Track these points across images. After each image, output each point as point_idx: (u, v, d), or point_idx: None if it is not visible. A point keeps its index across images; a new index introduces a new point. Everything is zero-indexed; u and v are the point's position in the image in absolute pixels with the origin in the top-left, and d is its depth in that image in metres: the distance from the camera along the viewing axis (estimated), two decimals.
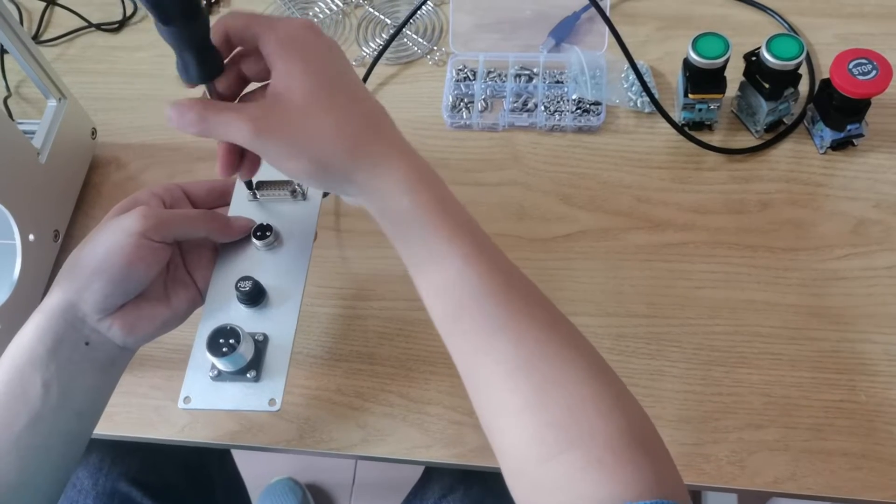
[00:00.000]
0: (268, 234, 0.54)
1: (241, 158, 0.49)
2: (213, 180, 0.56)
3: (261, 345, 0.50)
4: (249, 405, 0.49)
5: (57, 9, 0.87)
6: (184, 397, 0.50)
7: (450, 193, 0.45)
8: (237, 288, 0.51)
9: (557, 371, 0.41)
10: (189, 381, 0.50)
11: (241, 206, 0.56)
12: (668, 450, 0.41)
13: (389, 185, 0.44)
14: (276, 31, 0.44)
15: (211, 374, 0.50)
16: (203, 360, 0.50)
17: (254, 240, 0.54)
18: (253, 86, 0.48)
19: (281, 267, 0.53)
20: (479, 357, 0.42)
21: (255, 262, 0.54)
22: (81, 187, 0.72)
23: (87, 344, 0.48)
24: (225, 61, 0.46)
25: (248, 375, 0.49)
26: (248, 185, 0.55)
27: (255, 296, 0.51)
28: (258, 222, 0.54)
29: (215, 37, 0.45)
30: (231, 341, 0.48)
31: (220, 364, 0.49)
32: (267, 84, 0.45)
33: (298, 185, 0.56)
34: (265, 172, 0.56)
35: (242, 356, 0.49)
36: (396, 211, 0.44)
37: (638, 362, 0.60)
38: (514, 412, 0.40)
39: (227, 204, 0.56)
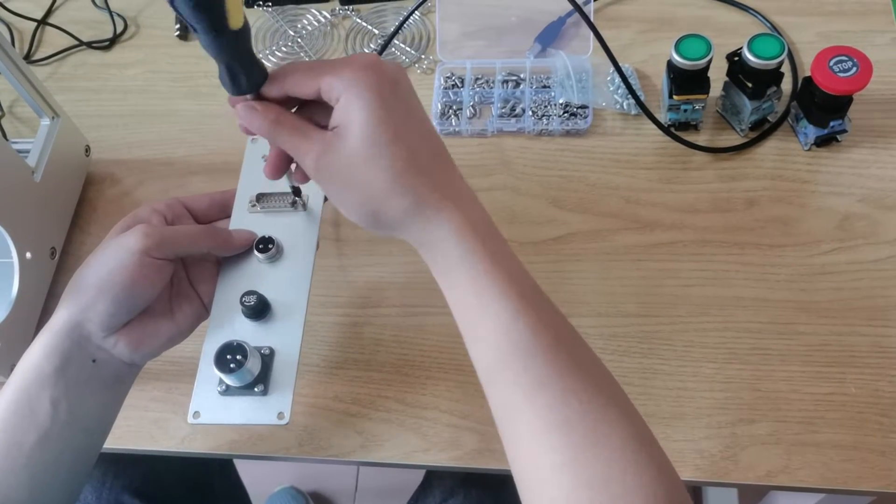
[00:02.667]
0: (270, 246, 0.54)
1: (289, 163, 0.49)
2: (213, 193, 0.57)
3: (267, 359, 0.51)
4: (258, 419, 0.50)
5: (48, 28, 0.88)
6: (193, 412, 0.50)
7: (502, 244, 0.45)
8: (242, 303, 0.51)
9: (597, 432, 0.40)
10: (197, 397, 0.51)
11: (242, 218, 0.56)
12: None
13: (441, 237, 0.44)
14: (339, 75, 0.43)
15: (219, 388, 0.50)
16: (210, 375, 0.50)
17: (256, 253, 0.54)
18: None
19: (284, 279, 0.54)
20: (518, 411, 0.42)
21: (258, 275, 0.54)
22: (77, 204, 0.73)
23: (93, 362, 0.49)
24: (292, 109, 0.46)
25: (255, 389, 0.50)
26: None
27: (259, 310, 0.52)
28: (259, 235, 0.55)
29: (274, 92, 0.45)
30: (238, 357, 0.49)
31: (228, 380, 0.49)
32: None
33: (298, 196, 0.56)
34: (265, 184, 0.57)
35: (250, 371, 0.49)
36: (447, 262, 0.44)
37: (630, 361, 0.60)
38: (550, 468, 0.40)
39: (228, 216, 0.56)
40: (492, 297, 0.43)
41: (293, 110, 0.48)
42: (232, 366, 0.49)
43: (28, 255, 0.65)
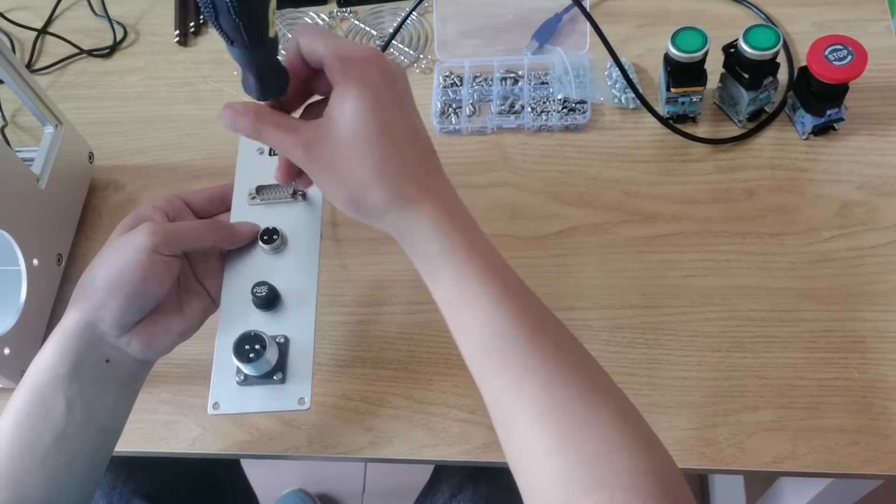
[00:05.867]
0: (275, 237, 0.54)
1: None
2: (212, 187, 0.57)
3: (283, 347, 0.51)
4: (280, 406, 0.50)
5: (48, 37, 0.88)
6: (212, 403, 0.51)
7: (482, 237, 0.46)
8: (253, 293, 0.52)
9: (585, 414, 0.41)
10: (216, 388, 0.51)
11: (243, 211, 0.56)
12: (692, 493, 0.41)
13: (421, 228, 0.45)
14: (340, 56, 0.44)
15: (237, 379, 0.51)
16: (227, 367, 0.51)
17: (261, 244, 0.54)
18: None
19: (291, 268, 0.54)
20: (507, 398, 0.42)
21: (265, 266, 0.54)
22: (81, 211, 0.74)
23: (107, 361, 0.50)
24: (298, 77, 0.47)
25: (274, 378, 0.51)
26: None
27: (271, 300, 0.52)
28: (262, 226, 0.55)
29: (290, 53, 0.46)
30: (257, 347, 0.49)
31: (247, 369, 0.50)
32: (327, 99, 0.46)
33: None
34: (261, 177, 0.57)
35: (268, 361, 0.50)
36: (427, 253, 0.45)
37: (635, 352, 0.61)
38: (541, 452, 0.41)
39: (228, 209, 0.57)
40: (473, 288, 0.44)
41: (302, 108, 0.49)
42: (251, 356, 0.49)
43: (35, 262, 0.65)
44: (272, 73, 0.45)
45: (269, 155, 0.58)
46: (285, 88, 0.46)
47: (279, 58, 0.45)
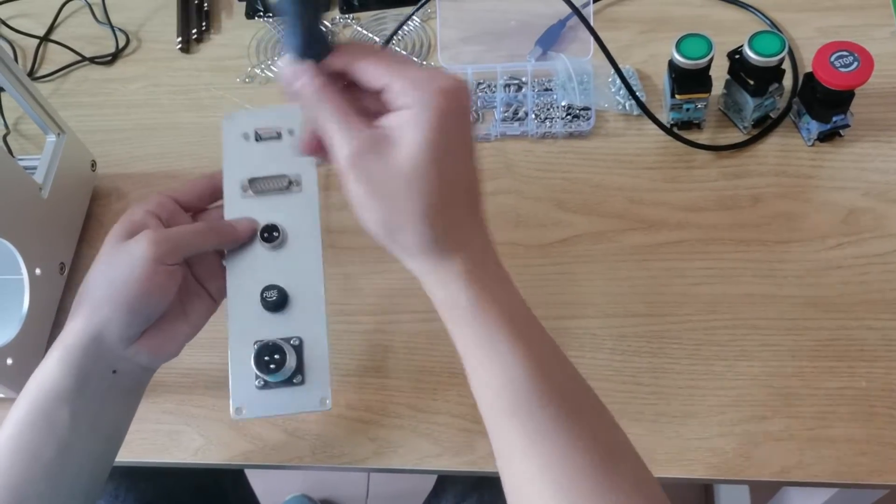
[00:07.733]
0: (275, 234, 0.53)
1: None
2: (199, 181, 0.55)
3: (298, 349, 0.51)
4: (303, 408, 0.50)
5: (50, 45, 0.88)
6: (235, 408, 0.50)
7: (511, 288, 0.44)
8: (263, 298, 0.51)
9: (603, 484, 0.39)
10: (236, 393, 0.51)
11: (237, 205, 0.54)
12: None
13: (449, 278, 0.43)
14: (416, 85, 0.40)
15: (256, 383, 0.50)
16: (244, 372, 0.50)
17: (262, 242, 0.53)
18: None
19: (295, 265, 0.53)
20: (522, 460, 0.41)
21: (268, 264, 0.53)
22: (84, 219, 0.74)
23: (114, 372, 0.49)
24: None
25: (294, 381, 0.50)
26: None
27: (280, 302, 0.52)
28: (258, 221, 0.53)
29: (336, 63, 0.42)
30: (276, 356, 0.49)
31: (269, 378, 0.50)
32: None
33: (292, 176, 0.54)
34: (250, 166, 0.54)
35: (289, 368, 0.50)
36: (451, 304, 0.43)
37: (640, 361, 0.61)
38: None
39: (217, 199, 0.55)
40: (496, 346, 0.42)
41: None
42: (272, 366, 0.49)
43: (37, 271, 0.65)
44: (315, 32, 0.42)
45: (256, 140, 0.55)
46: (326, 54, 0.42)
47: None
